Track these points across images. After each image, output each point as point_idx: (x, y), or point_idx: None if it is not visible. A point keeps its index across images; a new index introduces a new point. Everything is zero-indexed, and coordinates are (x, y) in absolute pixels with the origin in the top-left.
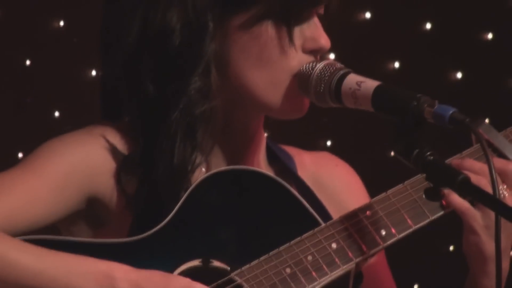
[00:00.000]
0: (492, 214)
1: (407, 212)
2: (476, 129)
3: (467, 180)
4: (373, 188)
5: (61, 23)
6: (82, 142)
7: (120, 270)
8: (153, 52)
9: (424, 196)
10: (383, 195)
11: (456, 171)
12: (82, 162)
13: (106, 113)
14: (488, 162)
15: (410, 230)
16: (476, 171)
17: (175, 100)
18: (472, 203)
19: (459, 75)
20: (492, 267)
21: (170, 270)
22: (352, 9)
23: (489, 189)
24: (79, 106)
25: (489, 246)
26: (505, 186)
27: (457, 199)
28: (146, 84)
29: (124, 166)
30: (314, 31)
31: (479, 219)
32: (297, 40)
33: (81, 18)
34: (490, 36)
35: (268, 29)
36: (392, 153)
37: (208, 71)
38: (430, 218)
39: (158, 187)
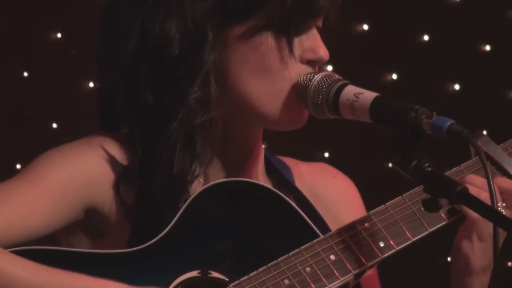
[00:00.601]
0: (486, 227)
1: (406, 225)
2: (475, 141)
3: (465, 191)
4: (371, 199)
5: (59, 35)
6: (80, 153)
7: None
8: (152, 62)
9: (422, 207)
10: (381, 207)
11: (454, 182)
12: (80, 173)
13: (104, 124)
14: (486, 173)
15: (409, 242)
16: (478, 185)
17: (174, 110)
18: None
19: (456, 86)
20: (474, 281)
21: (169, 281)
22: (349, 21)
23: (488, 203)
24: (76, 117)
25: (478, 259)
26: (503, 204)
27: None
28: (145, 94)
29: (123, 176)
30: (313, 42)
31: (480, 231)
32: (296, 51)
33: (78, 30)
34: (487, 48)
35: (268, 40)
36: (390, 165)
37: (207, 81)
38: (429, 230)
39: (157, 197)
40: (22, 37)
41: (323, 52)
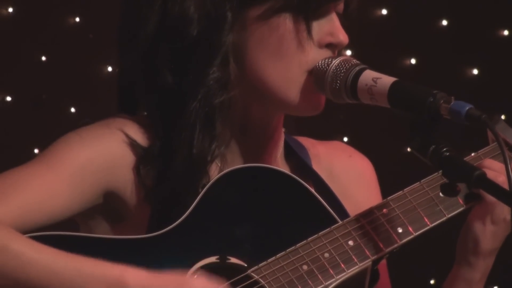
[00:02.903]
0: (501, 211)
1: (424, 210)
2: (493, 126)
3: (483, 175)
4: (390, 184)
5: (77, 19)
6: (100, 136)
7: (133, 276)
8: (171, 43)
9: (440, 192)
10: (399, 193)
11: (472, 166)
12: (100, 156)
13: (123, 107)
14: (504, 157)
15: (427, 228)
16: (496, 169)
17: (193, 90)
18: None
19: (475, 71)
20: (480, 262)
21: (188, 266)
22: (368, 6)
23: (506, 186)
24: (95, 102)
25: (488, 242)
26: None
27: None
28: (164, 74)
29: (143, 158)
30: (332, 26)
31: (495, 214)
32: (315, 35)
33: (97, 14)
34: (506, 32)
35: (286, 22)
36: (409, 149)
37: (226, 62)
38: (447, 216)
39: (177, 178)
40: (41, 22)
41: (343, 36)
